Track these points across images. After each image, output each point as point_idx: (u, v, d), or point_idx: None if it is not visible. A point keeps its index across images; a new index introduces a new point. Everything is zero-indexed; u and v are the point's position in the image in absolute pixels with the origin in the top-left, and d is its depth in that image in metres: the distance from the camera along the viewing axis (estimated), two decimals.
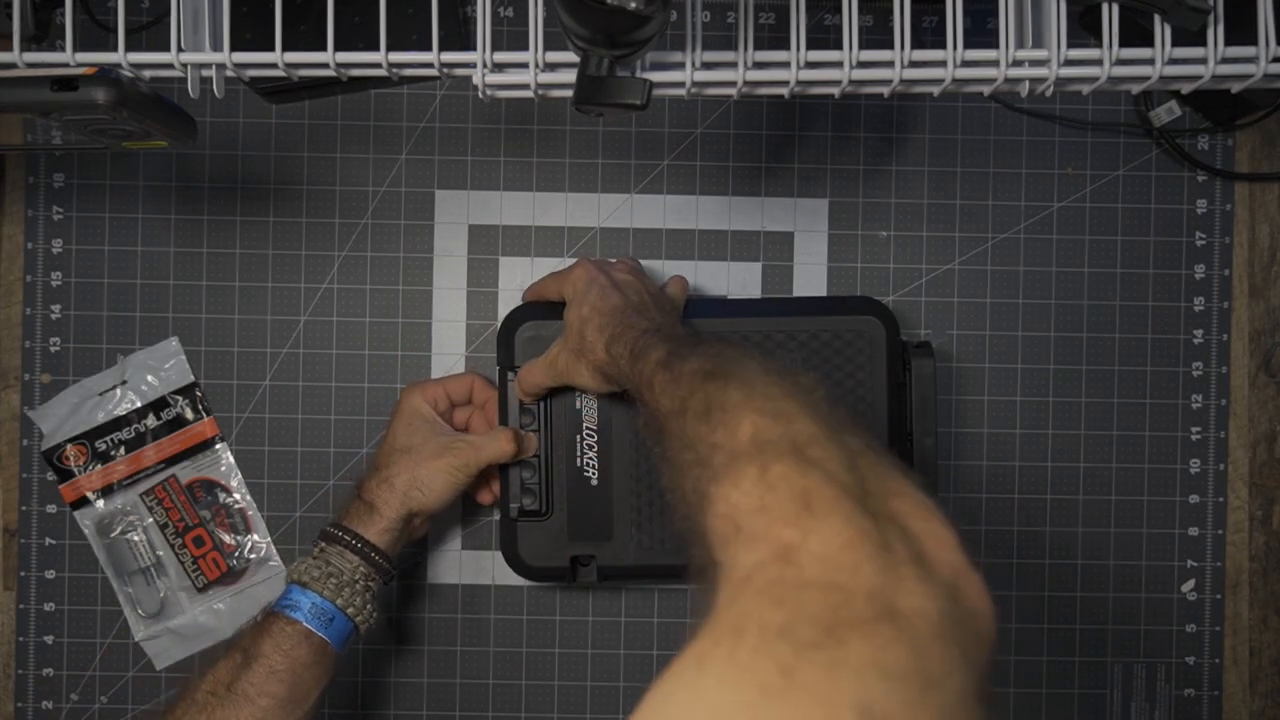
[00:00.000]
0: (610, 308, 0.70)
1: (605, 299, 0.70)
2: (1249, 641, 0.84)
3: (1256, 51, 0.57)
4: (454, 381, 0.79)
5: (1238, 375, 0.84)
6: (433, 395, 0.77)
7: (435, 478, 0.74)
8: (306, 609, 0.70)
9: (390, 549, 0.73)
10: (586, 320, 0.70)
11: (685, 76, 0.58)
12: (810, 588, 0.38)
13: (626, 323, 0.68)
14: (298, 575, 0.72)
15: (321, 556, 0.72)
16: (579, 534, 0.77)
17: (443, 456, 0.74)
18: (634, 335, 0.65)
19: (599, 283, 0.71)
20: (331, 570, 0.72)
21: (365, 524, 0.73)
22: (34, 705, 0.82)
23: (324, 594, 0.71)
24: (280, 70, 0.58)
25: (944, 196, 0.84)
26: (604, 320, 0.69)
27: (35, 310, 0.83)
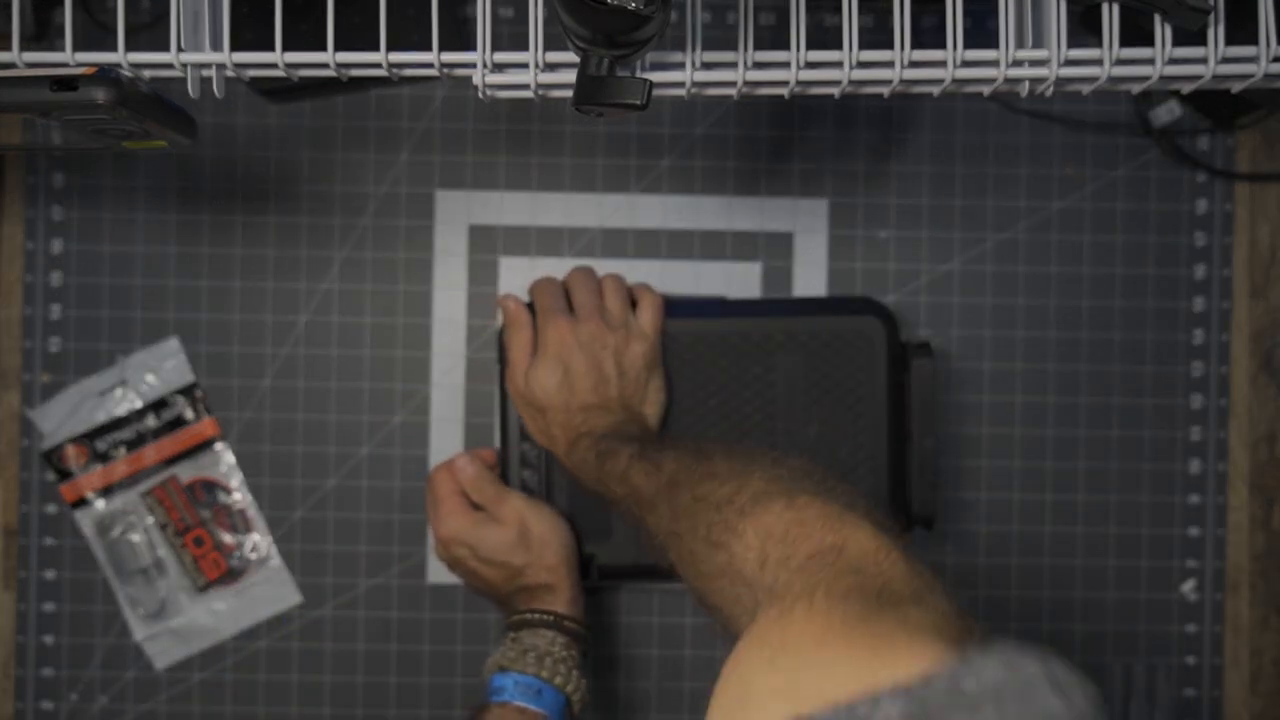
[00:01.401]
0: (575, 404, 0.73)
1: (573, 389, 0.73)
2: (1249, 642, 0.84)
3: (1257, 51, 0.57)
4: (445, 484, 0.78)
5: (1238, 375, 0.84)
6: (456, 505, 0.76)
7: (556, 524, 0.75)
8: (511, 688, 0.70)
9: (580, 615, 0.73)
10: (550, 401, 0.74)
11: (685, 76, 0.58)
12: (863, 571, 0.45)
13: (583, 428, 0.72)
14: (495, 664, 0.71)
15: (514, 642, 0.72)
16: (579, 534, 0.77)
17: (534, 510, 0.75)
18: (590, 442, 0.70)
19: (570, 363, 0.73)
20: (527, 647, 0.71)
21: (547, 602, 0.73)
22: (34, 705, 0.82)
23: (526, 670, 0.70)
24: (280, 70, 0.58)
25: (944, 197, 0.84)
26: (566, 419, 0.73)
27: (35, 310, 0.83)
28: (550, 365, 0.74)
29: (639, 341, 0.75)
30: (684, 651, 0.83)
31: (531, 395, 0.74)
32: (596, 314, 0.75)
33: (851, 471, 0.76)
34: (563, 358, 0.74)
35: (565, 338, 0.74)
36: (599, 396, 0.73)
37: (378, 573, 0.83)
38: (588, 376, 0.73)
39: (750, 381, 0.77)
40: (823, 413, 0.77)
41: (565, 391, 0.73)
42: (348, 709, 0.83)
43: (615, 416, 0.73)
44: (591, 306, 0.76)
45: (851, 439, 0.77)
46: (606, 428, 0.71)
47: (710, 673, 0.84)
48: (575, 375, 0.73)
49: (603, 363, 0.74)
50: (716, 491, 0.57)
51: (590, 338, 0.74)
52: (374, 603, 0.83)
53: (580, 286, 0.77)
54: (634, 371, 0.75)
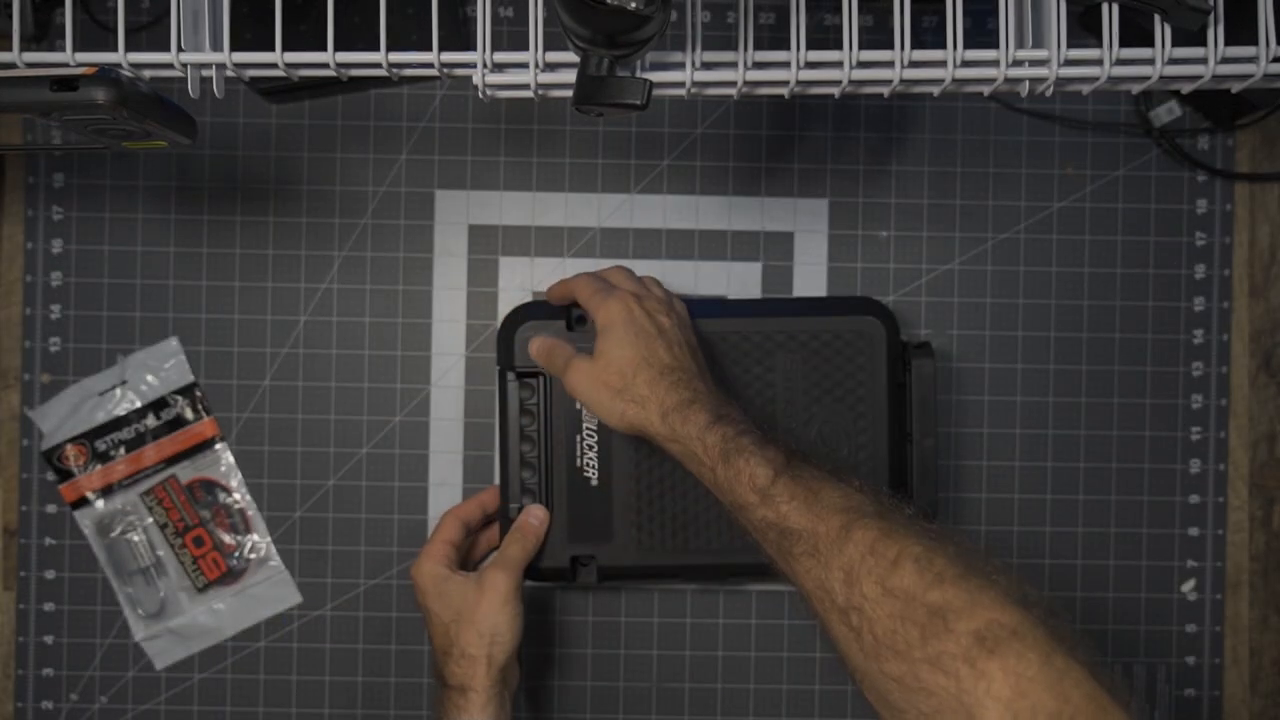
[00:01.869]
0: (661, 364, 0.68)
1: (653, 350, 0.68)
2: (1249, 641, 0.84)
3: (1256, 51, 0.57)
4: (449, 527, 0.76)
5: (1238, 375, 0.84)
6: (440, 553, 0.74)
7: (500, 619, 0.71)
8: None
9: (499, 717, 0.71)
10: (634, 369, 0.68)
11: (685, 76, 0.58)
12: None
13: (685, 395, 0.66)
14: None
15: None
16: (579, 534, 0.77)
17: (490, 594, 0.71)
18: (706, 419, 0.65)
19: (642, 328, 0.69)
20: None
21: (464, 708, 0.70)
22: (34, 705, 0.82)
23: None
24: (280, 70, 0.58)
25: (944, 197, 0.84)
26: (655, 378, 0.67)
27: (35, 310, 0.83)
28: (620, 334, 0.69)
29: (689, 326, 0.73)
30: (684, 652, 0.83)
31: (604, 370, 0.68)
32: (649, 293, 0.73)
33: (852, 471, 0.76)
34: (632, 323, 0.69)
35: (630, 306, 0.69)
36: (676, 358, 0.68)
37: (378, 573, 0.83)
38: (660, 338, 0.69)
39: (750, 381, 0.77)
40: (823, 413, 0.77)
41: (644, 349, 0.68)
42: (348, 709, 0.83)
43: (707, 390, 0.68)
44: (641, 287, 0.73)
45: (852, 439, 0.77)
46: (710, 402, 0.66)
47: (711, 672, 0.85)
48: (649, 336, 0.68)
49: (671, 342, 0.69)
50: (938, 595, 0.52)
51: (653, 309, 0.70)
52: (374, 603, 0.83)
53: (621, 276, 0.74)
54: (694, 347, 0.71)
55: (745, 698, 0.83)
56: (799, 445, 0.74)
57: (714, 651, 0.83)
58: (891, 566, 0.54)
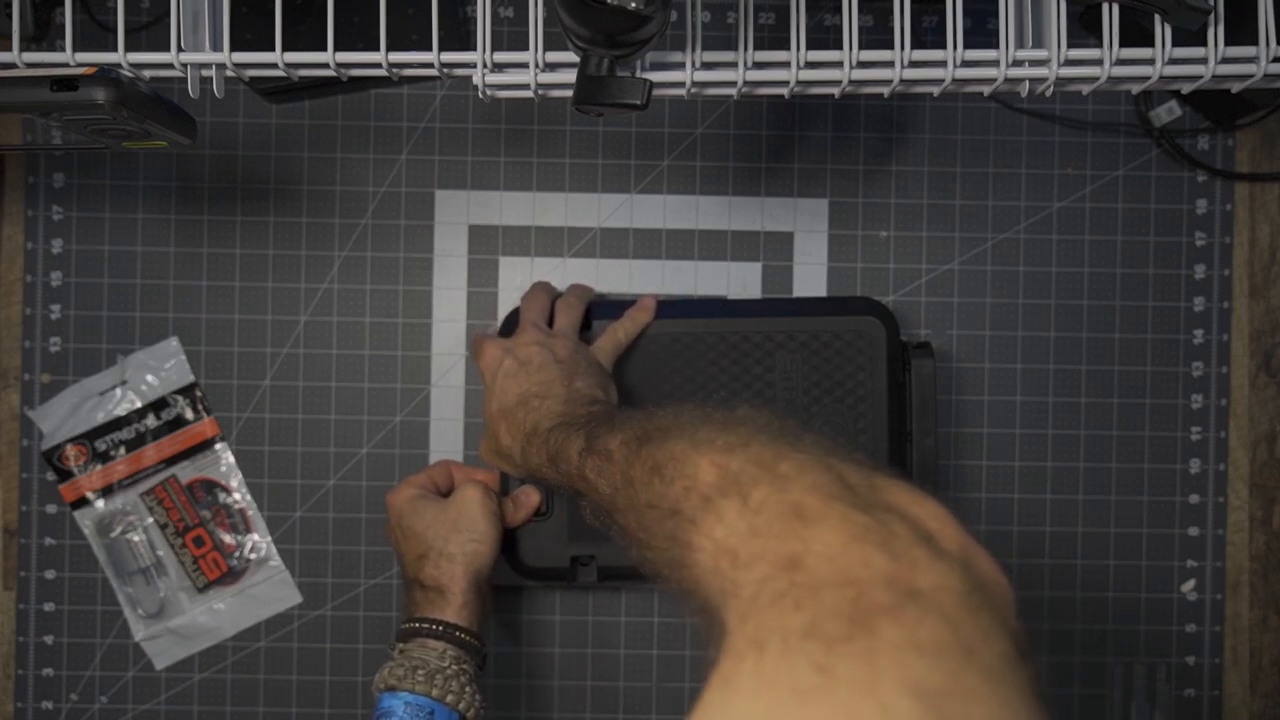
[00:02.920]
0: (511, 402, 0.68)
1: (506, 392, 0.69)
2: (1249, 641, 0.84)
3: (1256, 51, 0.57)
4: (436, 470, 0.77)
5: (1238, 375, 0.84)
6: (425, 480, 0.75)
7: (478, 518, 0.71)
8: (401, 710, 0.66)
9: (472, 624, 0.70)
10: (498, 423, 0.69)
11: (685, 76, 0.58)
12: (825, 587, 0.37)
13: (528, 424, 0.66)
14: (382, 682, 0.68)
15: (402, 656, 0.68)
16: (579, 534, 0.77)
17: (464, 497, 0.72)
18: (540, 439, 0.64)
19: (503, 369, 0.70)
20: (416, 663, 0.67)
21: (438, 608, 0.69)
22: (34, 705, 0.82)
23: (415, 690, 0.66)
24: (280, 70, 0.58)
25: (944, 197, 0.84)
26: (509, 423, 0.68)
27: (35, 310, 0.83)
28: (489, 385, 0.71)
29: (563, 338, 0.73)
30: (684, 652, 0.83)
31: (488, 434, 0.71)
32: (529, 325, 0.74)
33: None
34: (492, 373, 0.71)
35: (493, 352, 0.72)
36: (535, 382, 0.69)
37: (377, 573, 0.83)
38: (521, 370, 0.70)
39: (750, 381, 0.77)
40: (823, 413, 0.77)
41: (504, 394, 0.69)
42: (347, 709, 0.83)
43: (559, 400, 0.67)
44: (525, 320, 0.75)
45: (852, 439, 0.77)
46: (553, 418, 0.65)
47: None
48: (503, 386, 0.70)
49: (529, 371, 0.70)
50: (665, 494, 0.48)
51: (518, 344, 0.72)
52: (374, 603, 0.83)
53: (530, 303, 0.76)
54: (567, 354, 0.71)
55: None
56: None
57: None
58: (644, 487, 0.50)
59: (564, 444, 0.60)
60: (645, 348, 0.77)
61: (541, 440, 0.63)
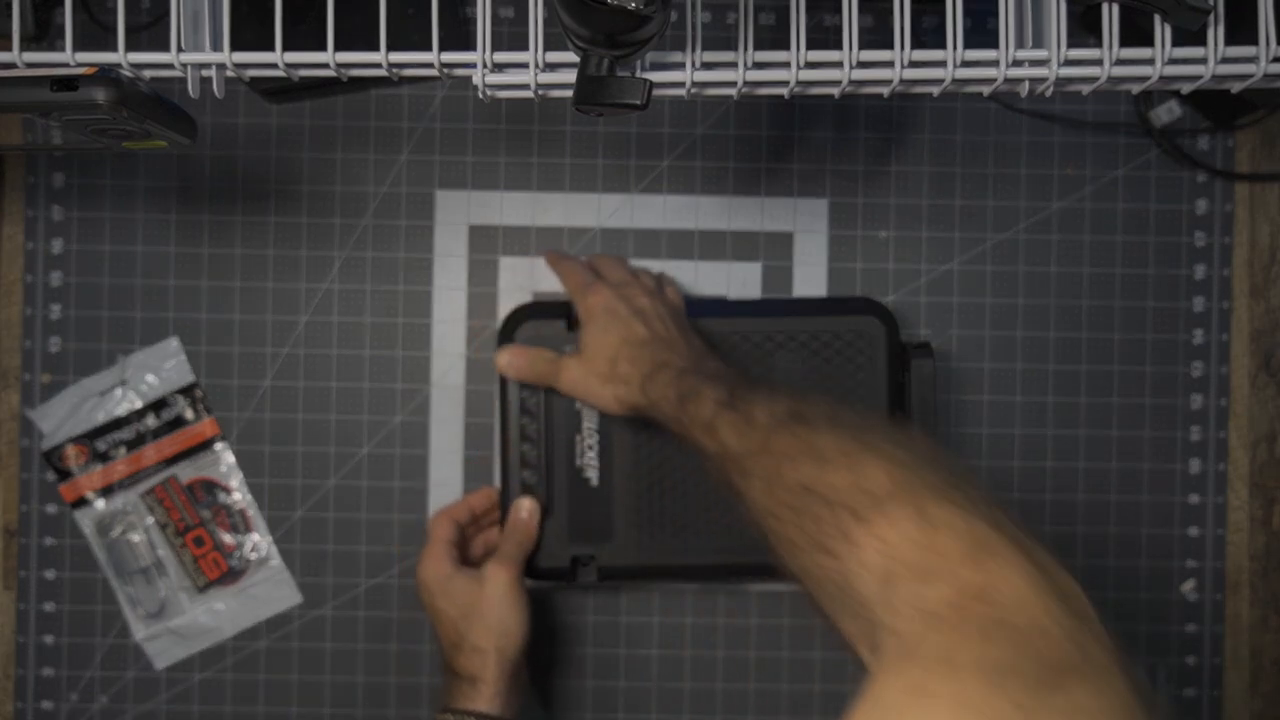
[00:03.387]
0: (639, 339, 0.69)
1: (631, 329, 0.69)
2: (1249, 641, 0.84)
3: (1256, 51, 0.57)
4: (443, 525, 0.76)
5: (1238, 375, 0.84)
6: (442, 552, 0.74)
7: (506, 612, 0.72)
8: None
9: (505, 711, 0.71)
10: (616, 352, 0.69)
11: (685, 76, 0.58)
12: (1017, 629, 0.38)
13: (659, 360, 0.67)
14: None
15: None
16: (579, 534, 0.77)
17: (492, 588, 0.72)
18: (672, 375, 0.65)
19: (619, 313, 0.70)
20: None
21: (473, 698, 0.70)
22: (34, 705, 0.82)
23: None
24: (280, 70, 0.58)
25: (944, 197, 0.84)
26: (635, 353, 0.68)
27: (35, 310, 0.83)
28: (601, 323, 0.70)
29: (678, 310, 0.74)
30: (684, 652, 0.83)
31: (590, 362, 0.70)
32: (634, 281, 0.74)
33: None
34: (613, 313, 0.71)
35: (610, 298, 0.71)
36: (654, 333, 0.70)
37: (378, 573, 0.83)
38: (639, 320, 0.70)
39: None
40: None
41: (624, 332, 0.69)
42: (348, 709, 0.83)
43: (684, 352, 0.68)
44: (628, 276, 0.74)
45: None
46: (684, 361, 0.66)
47: (710, 672, 0.85)
48: (626, 321, 0.70)
49: (650, 318, 0.71)
50: (824, 479, 0.49)
51: (633, 295, 0.72)
52: (374, 603, 0.83)
53: (611, 265, 0.76)
54: (681, 322, 0.72)
55: (745, 698, 0.83)
56: None
57: (714, 651, 0.83)
58: (792, 463, 0.52)
59: (699, 387, 0.61)
60: None
61: (673, 375, 0.64)
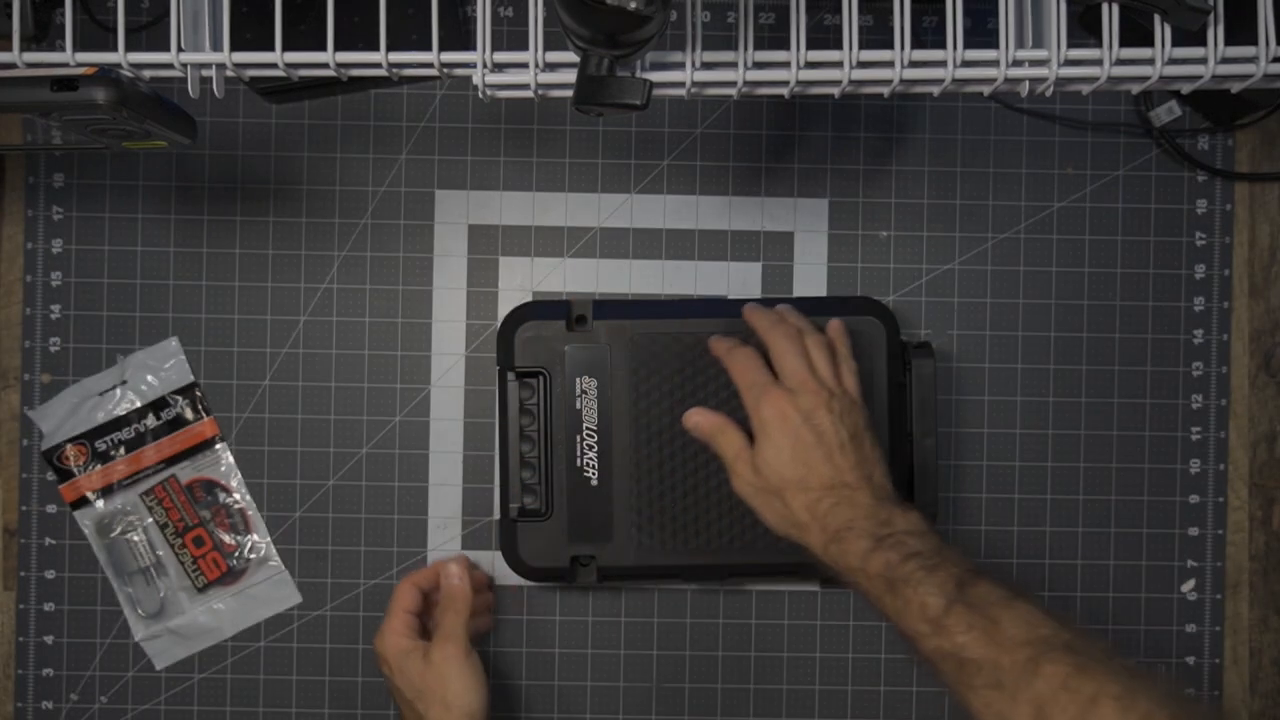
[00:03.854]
0: (821, 485, 0.66)
1: (811, 467, 0.66)
2: (1249, 641, 0.84)
3: (1256, 51, 0.57)
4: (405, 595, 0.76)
5: (1238, 375, 0.84)
6: (400, 625, 0.75)
7: (461, 687, 0.72)
8: None
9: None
10: (793, 493, 0.66)
11: (685, 76, 0.58)
12: None
13: (843, 519, 0.65)
14: None
15: None
16: (579, 534, 0.77)
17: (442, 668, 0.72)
18: (867, 545, 0.63)
19: (799, 437, 0.67)
20: None
21: None
22: (34, 705, 0.82)
23: None
24: (280, 70, 0.58)
25: (944, 196, 0.84)
26: (812, 502, 0.66)
27: (35, 310, 0.83)
28: (777, 442, 0.67)
29: (853, 405, 0.69)
30: (684, 652, 0.83)
31: (765, 480, 0.67)
32: (811, 379, 0.69)
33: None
34: (789, 431, 0.67)
35: (786, 411, 0.67)
36: (834, 468, 0.66)
37: (378, 573, 0.83)
38: (818, 447, 0.67)
39: None
40: None
41: (801, 467, 0.66)
42: (348, 709, 0.83)
43: (864, 499, 0.66)
44: (804, 372, 0.69)
45: None
46: (871, 515, 0.65)
47: (711, 672, 0.85)
48: (806, 447, 0.67)
49: (827, 432, 0.67)
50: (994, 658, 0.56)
51: (811, 407, 0.67)
52: (374, 603, 0.83)
53: (786, 351, 0.70)
54: (858, 435, 0.68)
55: (745, 698, 0.83)
56: None
57: (714, 651, 0.83)
58: (1089, 704, 0.53)
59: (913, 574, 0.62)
60: (645, 347, 0.77)
61: (869, 545, 0.64)
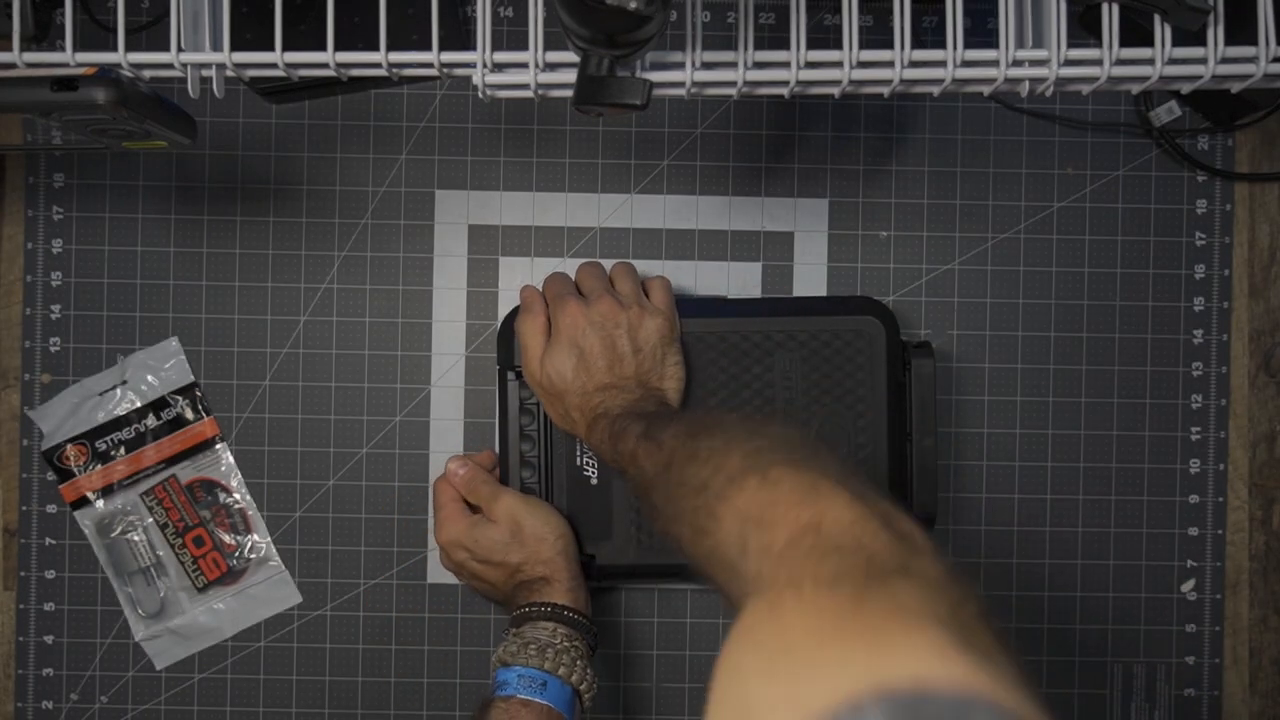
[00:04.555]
0: (592, 376, 0.73)
1: (584, 371, 0.73)
2: (1249, 641, 0.84)
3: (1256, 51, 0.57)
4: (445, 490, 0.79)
5: (1238, 375, 0.84)
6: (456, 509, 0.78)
7: (543, 516, 0.75)
8: (515, 682, 0.69)
9: (580, 606, 0.73)
10: (568, 386, 0.73)
11: (685, 76, 0.58)
12: (844, 549, 0.44)
13: (600, 407, 0.71)
14: (499, 660, 0.71)
15: (517, 637, 0.72)
16: (579, 534, 0.77)
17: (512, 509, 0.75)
18: (606, 423, 0.69)
19: (585, 341, 0.73)
20: (528, 640, 0.71)
21: (545, 594, 0.73)
22: (34, 705, 0.82)
23: (528, 663, 0.70)
24: (280, 70, 0.58)
25: (944, 196, 0.84)
26: (583, 400, 0.72)
27: (35, 310, 0.83)
28: (565, 348, 0.73)
29: (652, 316, 0.74)
30: (684, 652, 0.83)
31: (549, 381, 0.74)
32: (607, 295, 0.75)
33: None
34: (576, 339, 0.73)
35: (577, 319, 0.73)
36: (614, 375, 0.73)
37: (377, 573, 0.83)
38: (603, 356, 0.73)
39: (750, 381, 0.77)
40: (823, 412, 0.77)
41: (582, 373, 0.73)
42: (348, 709, 0.83)
43: (632, 395, 0.72)
44: (601, 289, 0.75)
45: (852, 439, 0.77)
46: (622, 407, 0.70)
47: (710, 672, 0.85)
48: (590, 355, 0.73)
49: (617, 341, 0.73)
50: (697, 474, 0.56)
51: (602, 316, 0.73)
52: (374, 603, 0.83)
53: (589, 274, 0.77)
54: (649, 347, 0.74)
55: None
56: None
57: (714, 651, 0.83)
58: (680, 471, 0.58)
59: (626, 428, 0.67)
60: None
61: (608, 423, 0.69)
